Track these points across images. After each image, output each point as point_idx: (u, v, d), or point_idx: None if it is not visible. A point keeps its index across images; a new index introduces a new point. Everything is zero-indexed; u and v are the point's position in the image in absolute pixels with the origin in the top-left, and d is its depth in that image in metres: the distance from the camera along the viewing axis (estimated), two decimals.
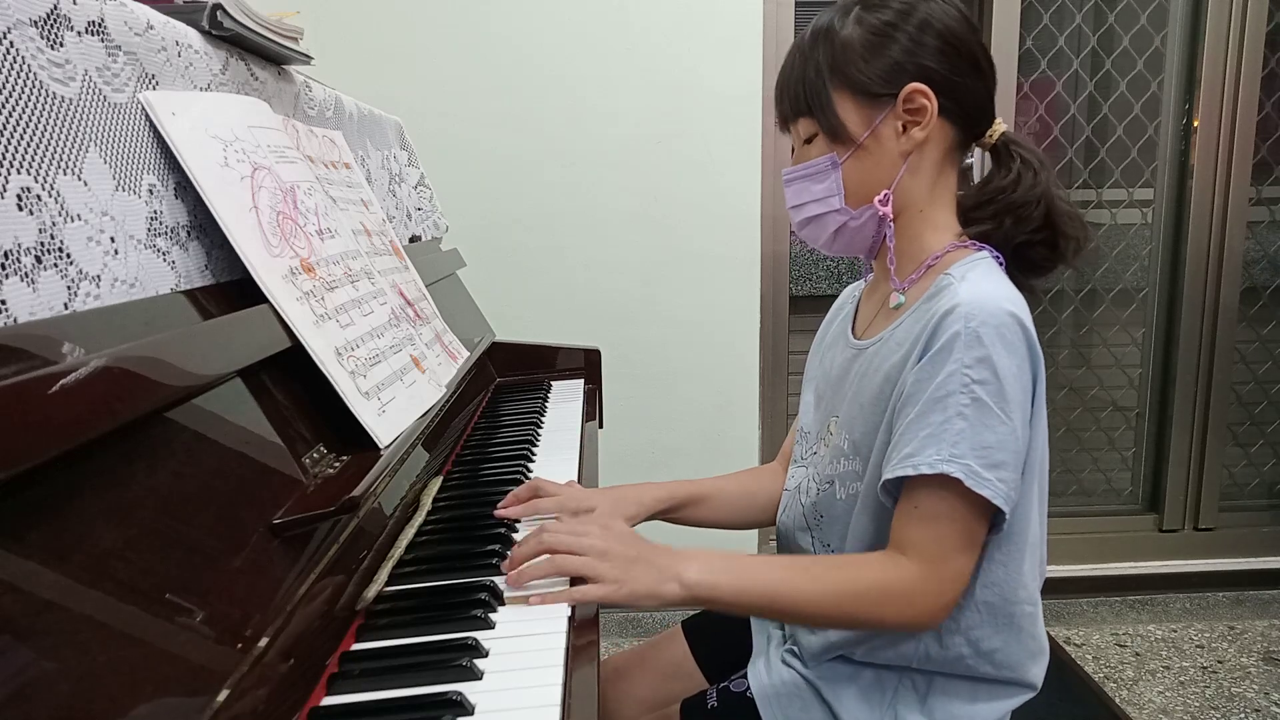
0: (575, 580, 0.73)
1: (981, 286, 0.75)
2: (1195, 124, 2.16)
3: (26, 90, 0.52)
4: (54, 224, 0.52)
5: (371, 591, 0.70)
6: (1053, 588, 2.27)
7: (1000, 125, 0.85)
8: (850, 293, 1.00)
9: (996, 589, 0.79)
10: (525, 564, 0.73)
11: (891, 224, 0.84)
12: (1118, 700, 1.35)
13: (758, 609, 0.83)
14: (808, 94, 0.84)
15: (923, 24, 0.80)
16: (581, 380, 1.52)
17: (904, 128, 0.81)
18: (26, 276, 0.50)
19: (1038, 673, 0.84)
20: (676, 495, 0.97)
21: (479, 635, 0.64)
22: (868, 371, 0.83)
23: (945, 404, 0.72)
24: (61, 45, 0.56)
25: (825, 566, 0.80)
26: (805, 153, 0.87)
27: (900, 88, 0.80)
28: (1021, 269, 0.83)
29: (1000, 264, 0.82)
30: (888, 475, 0.75)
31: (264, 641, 0.52)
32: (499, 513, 0.87)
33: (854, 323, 0.95)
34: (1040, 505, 0.80)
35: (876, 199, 0.83)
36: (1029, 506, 0.78)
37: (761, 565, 0.78)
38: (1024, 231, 0.82)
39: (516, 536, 0.84)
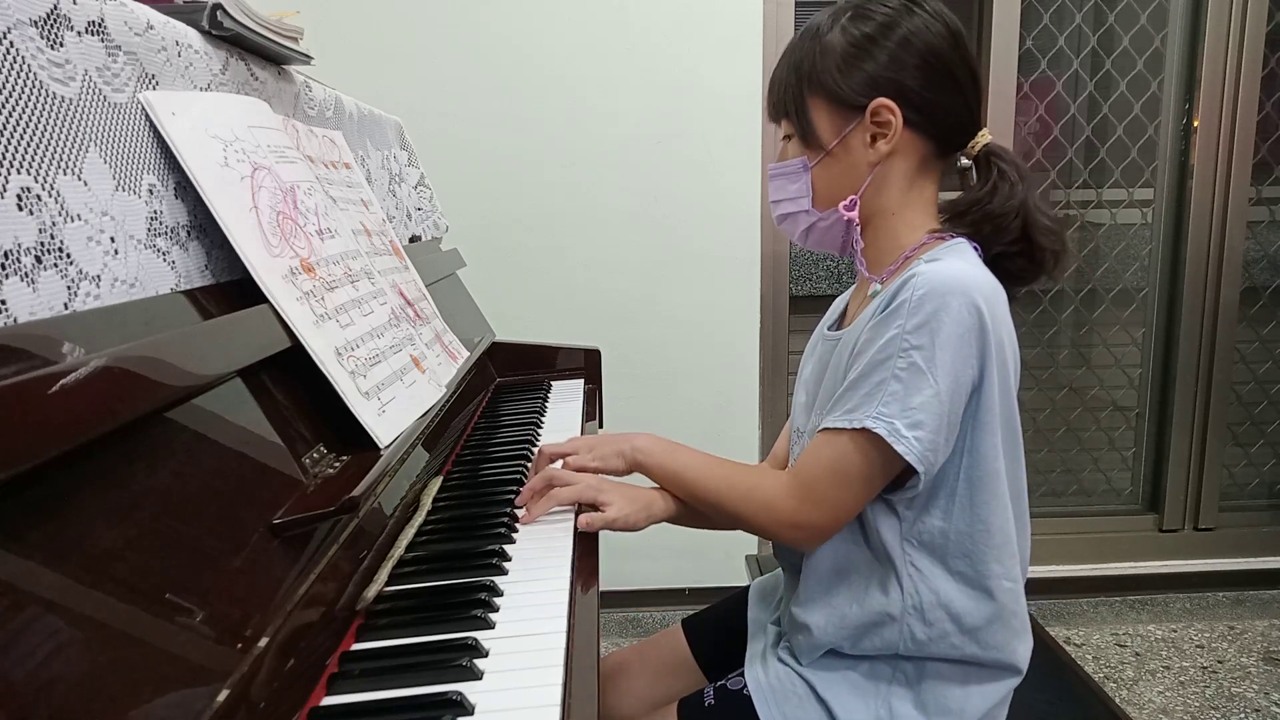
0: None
1: (948, 264, 0.78)
2: (1195, 124, 2.16)
3: (26, 90, 0.52)
4: (54, 224, 0.52)
5: (371, 591, 0.70)
6: (1053, 588, 2.28)
7: (984, 137, 0.86)
8: (838, 303, 1.01)
9: (967, 560, 0.81)
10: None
11: (858, 227, 0.87)
12: (1118, 700, 1.36)
13: (671, 484, 0.91)
14: (787, 96, 0.87)
15: (903, 41, 0.81)
16: (581, 380, 1.52)
17: (872, 139, 0.83)
18: (26, 276, 0.50)
19: (1024, 654, 0.85)
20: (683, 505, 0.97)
21: (479, 635, 0.64)
22: (843, 354, 0.85)
23: (884, 366, 0.76)
24: (61, 45, 0.56)
25: (734, 468, 0.89)
26: (785, 150, 0.90)
27: (871, 100, 0.81)
28: (1001, 279, 0.83)
29: (977, 252, 0.83)
30: (829, 424, 0.79)
31: (264, 641, 0.52)
32: (521, 516, 0.88)
33: (842, 320, 0.96)
34: (1015, 485, 0.82)
35: (842, 205, 0.86)
36: (991, 477, 0.79)
37: (690, 455, 0.90)
38: (1002, 242, 0.84)
39: (516, 536, 0.84)
